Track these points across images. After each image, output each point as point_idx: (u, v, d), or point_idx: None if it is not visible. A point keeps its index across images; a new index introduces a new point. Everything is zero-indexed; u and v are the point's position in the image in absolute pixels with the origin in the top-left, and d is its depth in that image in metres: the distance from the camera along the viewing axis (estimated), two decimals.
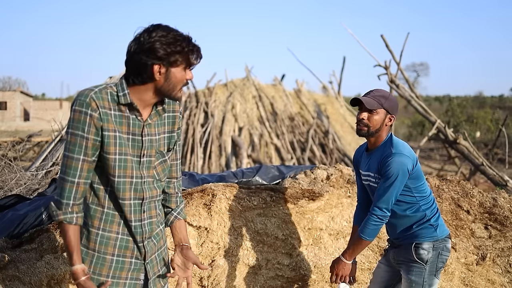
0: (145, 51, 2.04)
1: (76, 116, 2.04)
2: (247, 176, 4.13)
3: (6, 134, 24.68)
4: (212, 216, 3.65)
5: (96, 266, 2.15)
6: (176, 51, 2.06)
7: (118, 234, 2.16)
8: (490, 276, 4.20)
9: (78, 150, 2.05)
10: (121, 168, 2.11)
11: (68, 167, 2.07)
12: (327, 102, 19.28)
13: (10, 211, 3.41)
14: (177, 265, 2.34)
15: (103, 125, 2.05)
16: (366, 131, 2.92)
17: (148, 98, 2.15)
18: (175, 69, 2.09)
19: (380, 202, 2.86)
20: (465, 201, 4.24)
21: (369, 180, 3.01)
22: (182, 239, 2.40)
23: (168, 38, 2.05)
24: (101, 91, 2.08)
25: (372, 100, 2.90)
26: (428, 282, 2.97)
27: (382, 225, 2.91)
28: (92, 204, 2.16)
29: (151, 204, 2.24)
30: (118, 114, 2.10)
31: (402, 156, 2.83)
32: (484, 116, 29.31)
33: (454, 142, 9.71)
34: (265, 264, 3.81)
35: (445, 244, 3.01)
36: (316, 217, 3.95)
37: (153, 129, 2.21)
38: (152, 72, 2.07)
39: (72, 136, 2.05)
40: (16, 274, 2.99)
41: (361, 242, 2.94)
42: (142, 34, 2.07)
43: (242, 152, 13.80)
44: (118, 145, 2.09)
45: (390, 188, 2.83)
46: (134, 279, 2.20)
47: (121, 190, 2.13)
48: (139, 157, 2.16)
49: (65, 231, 2.08)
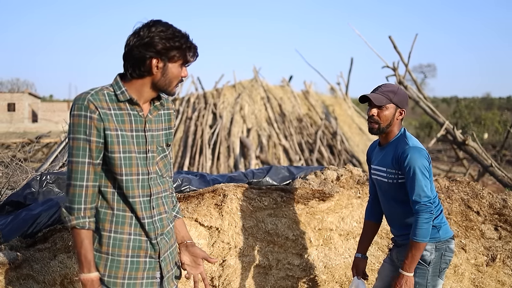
0: (144, 45, 2.08)
1: (76, 121, 2.06)
2: (258, 176, 4.15)
3: (15, 135, 24.83)
4: (223, 216, 3.68)
5: (111, 269, 2.16)
6: (174, 46, 2.10)
7: (130, 235, 2.18)
8: (500, 277, 4.20)
9: (82, 153, 2.06)
10: (127, 166, 2.13)
11: (74, 172, 2.08)
12: (335, 104, 19.30)
13: (24, 211, 3.45)
14: (188, 264, 2.37)
15: (104, 125, 2.07)
16: (377, 128, 2.92)
17: (146, 93, 2.18)
18: (172, 65, 2.14)
19: (415, 195, 2.79)
20: (475, 202, 4.24)
21: (380, 174, 3.00)
22: (184, 236, 2.43)
23: (167, 34, 2.09)
24: (97, 92, 2.10)
25: (380, 95, 2.90)
26: (432, 283, 2.94)
27: (431, 218, 2.80)
28: (101, 207, 2.17)
29: (158, 201, 2.26)
30: (119, 112, 2.13)
31: (419, 148, 2.84)
32: (492, 117, 29.26)
33: (463, 144, 9.72)
34: (276, 264, 3.83)
35: (448, 245, 2.97)
36: (326, 218, 3.97)
37: (154, 125, 2.25)
38: (150, 66, 2.11)
39: (75, 141, 2.07)
40: (30, 273, 3.02)
41: (418, 247, 2.82)
42: (141, 28, 2.11)
43: (251, 153, 13.85)
44: (122, 143, 2.11)
45: (417, 177, 2.78)
46: (150, 278, 2.22)
47: (130, 188, 2.15)
48: (145, 153, 2.19)
49: (78, 237, 2.08)
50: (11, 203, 3.70)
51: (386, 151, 2.99)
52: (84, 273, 2.07)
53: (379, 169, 3.02)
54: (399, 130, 2.99)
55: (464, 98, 39.25)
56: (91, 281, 2.07)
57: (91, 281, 2.07)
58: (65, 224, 2.12)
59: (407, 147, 2.84)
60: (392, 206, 3.03)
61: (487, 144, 25.26)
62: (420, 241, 2.79)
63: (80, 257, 2.07)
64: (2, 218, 3.47)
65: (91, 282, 2.06)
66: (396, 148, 2.91)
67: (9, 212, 3.63)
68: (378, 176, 3.03)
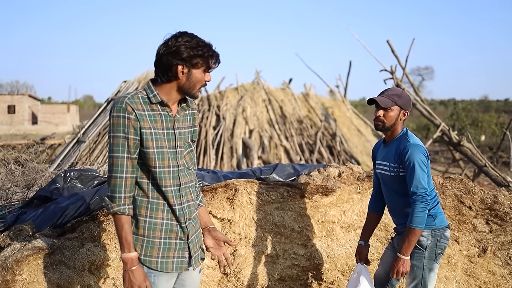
0: (172, 53, 2.39)
1: (115, 121, 2.36)
2: (265, 173, 4.42)
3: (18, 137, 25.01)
4: (235, 209, 3.93)
5: (146, 249, 2.46)
6: (197, 54, 2.40)
7: (163, 220, 2.48)
8: (491, 268, 4.40)
9: (121, 149, 2.37)
10: (159, 160, 2.43)
11: (115, 165, 2.38)
12: (334, 106, 19.49)
13: (53, 204, 3.73)
14: (211, 247, 2.68)
15: (140, 124, 2.37)
16: (382, 126, 3.27)
17: (173, 95, 2.48)
18: (196, 70, 2.43)
19: (413, 186, 3.11)
20: (467, 197, 4.44)
21: (383, 168, 3.33)
22: (207, 222, 2.74)
23: (192, 43, 2.39)
24: (133, 96, 2.41)
25: (386, 99, 3.25)
26: (428, 266, 3.25)
27: (426, 207, 3.11)
28: (138, 196, 2.47)
29: (186, 190, 2.56)
30: (152, 113, 2.43)
31: (418, 145, 3.18)
32: (489, 120, 29.26)
33: (458, 144, 9.88)
34: (282, 254, 4.06)
35: (443, 233, 3.28)
36: (329, 211, 4.17)
37: (181, 123, 2.55)
38: (176, 71, 2.41)
39: (115, 139, 2.37)
40: (62, 259, 3.29)
41: (414, 232, 3.11)
42: (170, 39, 2.42)
43: (253, 153, 14.08)
44: (155, 140, 2.42)
45: (416, 171, 3.10)
46: (181, 257, 2.52)
47: (162, 178, 2.45)
48: (175, 148, 2.49)
49: (119, 222, 2.38)
50: (39, 198, 3.99)
51: (389, 147, 3.33)
52: (125, 252, 2.37)
53: (383, 163, 3.35)
54: (402, 129, 3.34)
55: (461, 101, 39.27)
56: (131, 259, 2.37)
57: (131, 259, 2.37)
58: (108, 211, 2.41)
59: (408, 144, 3.19)
60: (393, 198, 3.35)
61: (484, 146, 25.34)
62: (415, 227, 3.11)
63: (121, 239, 2.38)
64: (33, 211, 3.76)
65: (131, 260, 2.37)
66: (398, 144, 3.25)
67: (38, 206, 3.92)
68: (382, 170, 3.36)
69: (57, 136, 23.75)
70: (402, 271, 3.18)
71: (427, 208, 3.13)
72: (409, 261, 3.20)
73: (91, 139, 10.34)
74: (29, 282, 3.06)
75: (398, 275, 3.20)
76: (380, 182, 3.48)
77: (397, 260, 3.19)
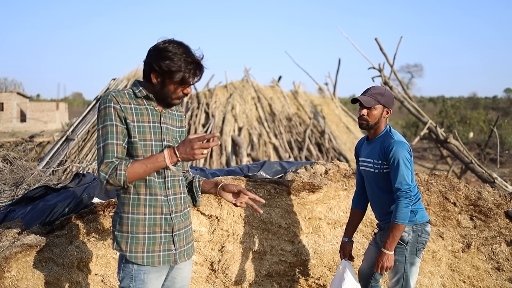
0: (151, 59, 2.48)
1: (102, 112, 2.44)
2: (252, 170, 4.47)
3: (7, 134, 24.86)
4: (222, 206, 3.97)
5: (131, 245, 2.49)
6: (173, 68, 2.44)
7: (146, 215, 2.51)
8: (475, 263, 4.47)
9: (110, 136, 2.41)
10: (145, 152, 2.49)
11: (105, 151, 2.40)
12: (323, 103, 19.59)
13: (41, 202, 3.76)
14: (233, 199, 2.75)
15: (125, 116, 2.45)
16: (366, 124, 3.33)
17: (155, 96, 2.55)
18: (170, 81, 2.48)
19: (398, 183, 3.17)
20: (452, 194, 4.50)
21: (367, 165, 3.39)
22: (217, 181, 2.83)
23: (170, 54, 2.44)
24: (119, 91, 2.51)
25: (369, 98, 3.31)
26: (410, 261, 3.32)
27: (410, 203, 3.17)
28: (120, 193, 2.52)
29: (174, 183, 2.61)
30: (138, 107, 2.51)
31: (402, 142, 3.24)
32: (477, 117, 29.48)
33: (445, 141, 9.95)
34: (270, 250, 4.10)
35: (424, 228, 3.35)
36: (316, 208, 4.21)
37: (168, 120, 2.63)
38: (151, 77, 2.49)
39: (104, 128, 2.43)
40: (50, 256, 3.32)
41: (398, 228, 3.18)
42: (156, 44, 2.50)
43: (242, 151, 14.13)
44: (140, 132, 2.48)
45: (400, 167, 3.17)
46: (167, 250, 2.56)
47: None
48: (161, 141, 2.55)
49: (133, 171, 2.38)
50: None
51: (373, 144, 3.39)
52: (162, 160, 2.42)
53: (367, 160, 3.40)
54: (385, 126, 3.39)
55: (450, 98, 39.54)
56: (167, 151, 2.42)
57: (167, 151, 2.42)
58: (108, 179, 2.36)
59: (393, 141, 3.25)
60: (376, 194, 3.41)
61: (472, 143, 25.57)
62: (399, 223, 3.18)
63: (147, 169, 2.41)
64: (21, 209, 3.78)
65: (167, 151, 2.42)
66: (382, 142, 3.31)
67: (27, 203, 3.94)
68: (366, 167, 3.42)
69: (46, 134, 23.60)
70: (386, 266, 3.24)
71: (410, 203, 3.19)
72: (393, 256, 3.26)
73: (80, 137, 10.31)
74: (18, 279, 3.09)
75: (383, 270, 3.26)
76: (363, 179, 3.53)
77: (381, 255, 3.26)
